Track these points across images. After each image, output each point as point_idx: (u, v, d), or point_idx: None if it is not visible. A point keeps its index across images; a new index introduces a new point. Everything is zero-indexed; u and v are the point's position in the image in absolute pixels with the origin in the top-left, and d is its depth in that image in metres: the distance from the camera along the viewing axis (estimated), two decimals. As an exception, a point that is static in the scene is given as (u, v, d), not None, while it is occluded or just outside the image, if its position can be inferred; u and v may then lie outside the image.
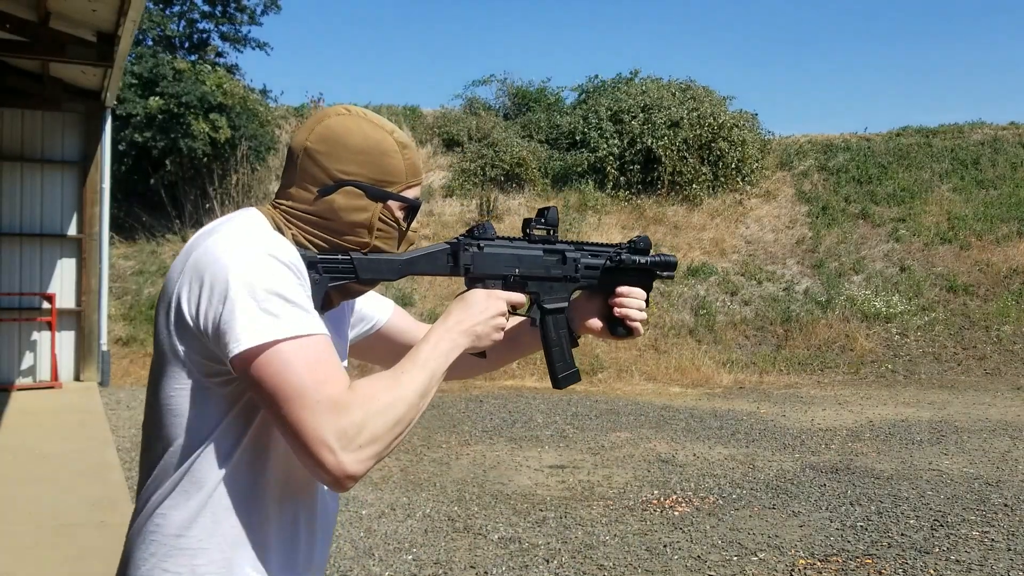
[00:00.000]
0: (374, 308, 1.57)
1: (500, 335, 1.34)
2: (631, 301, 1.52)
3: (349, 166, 1.25)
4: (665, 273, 1.57)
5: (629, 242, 1.55)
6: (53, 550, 4.28)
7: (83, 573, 3.95)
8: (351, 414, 1.10)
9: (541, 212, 1.45)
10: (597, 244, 1.52)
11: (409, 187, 1.32)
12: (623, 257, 1.52)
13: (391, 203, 1.30)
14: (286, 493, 1.23)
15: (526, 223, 1.44)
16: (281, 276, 1.13)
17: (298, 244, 1.24)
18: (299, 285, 1.15)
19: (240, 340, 1.09)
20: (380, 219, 1.29)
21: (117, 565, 1.26)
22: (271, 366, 1.09)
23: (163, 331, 1.19)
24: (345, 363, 1.43)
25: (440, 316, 1.31)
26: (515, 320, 1.50)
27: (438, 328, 1.27)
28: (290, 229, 1.25)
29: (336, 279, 1.26)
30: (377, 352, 1.59)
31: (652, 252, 1.56)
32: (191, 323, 1.14)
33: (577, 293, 1.55)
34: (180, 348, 1.17)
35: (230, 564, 1.19)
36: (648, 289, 1.55)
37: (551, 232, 1.45)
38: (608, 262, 1.51)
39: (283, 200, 1.27)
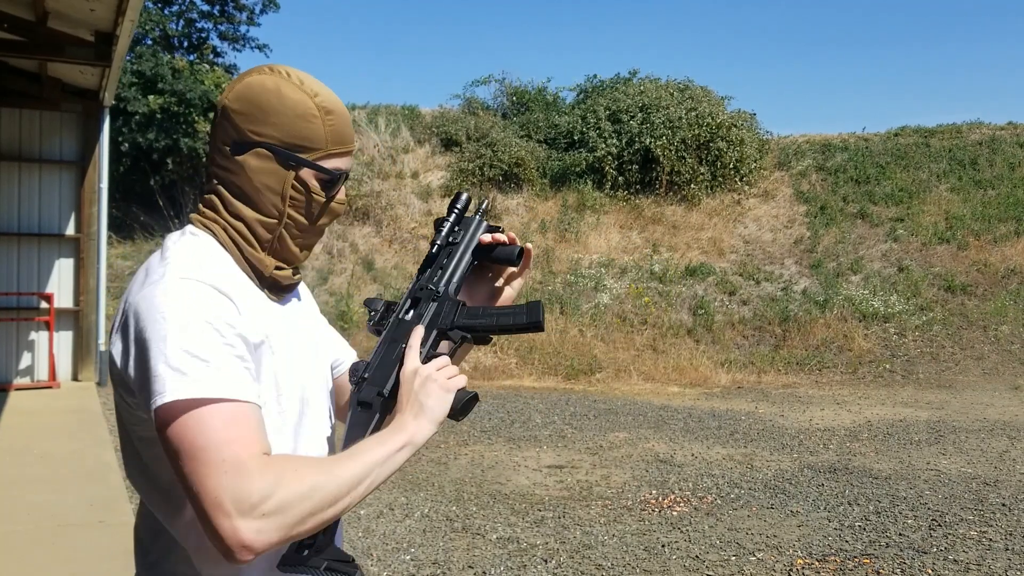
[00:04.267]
0: (337, 349, 1.46)
1: (463, 380, 1.25)
2: (497, 237, 1.40)
3: (263, 127, 1.18)
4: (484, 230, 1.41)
5: (436, 227, 1.40)
6: (51, 550, 4.27)
7: (81, 573, 3.95)
8: (259, 480, 1.00)
9: (454, 199, 1.39)
10: (426, 266, 1.38)
11: (331, 155, 1.22)
12: (440, 243, 1.38)
13: (306, 171, 1.21)
14: None
15: (438, 223, 1.38)
16: (207, 335, 1.07)
17: (221, 243, 1.21)
18: (222, 326, 1.09)
19: (155, 397, 1.04)
20: (292, 187, 1.21)
21: (117, 563, 1.27)
22: (181, 423, 1.03)
23: (115, 371, 1.15)
24: (335, 353, 1.40)
25: (393, 422, 1.19)
26: (459, 356, 1.37)
27: (405, 417, 1.18)
28: (210, 228, 1.21)
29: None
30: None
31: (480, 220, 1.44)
32: (120, 371, 1.11)
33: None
34: (123, 393, 1.14)
35: None
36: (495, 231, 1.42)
37: (455, 223, 1.38)
38: (435, 250, 1.38)
39: (209, 180, 1.23)
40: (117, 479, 5.70)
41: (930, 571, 4.46)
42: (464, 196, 1.40)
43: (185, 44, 18.07)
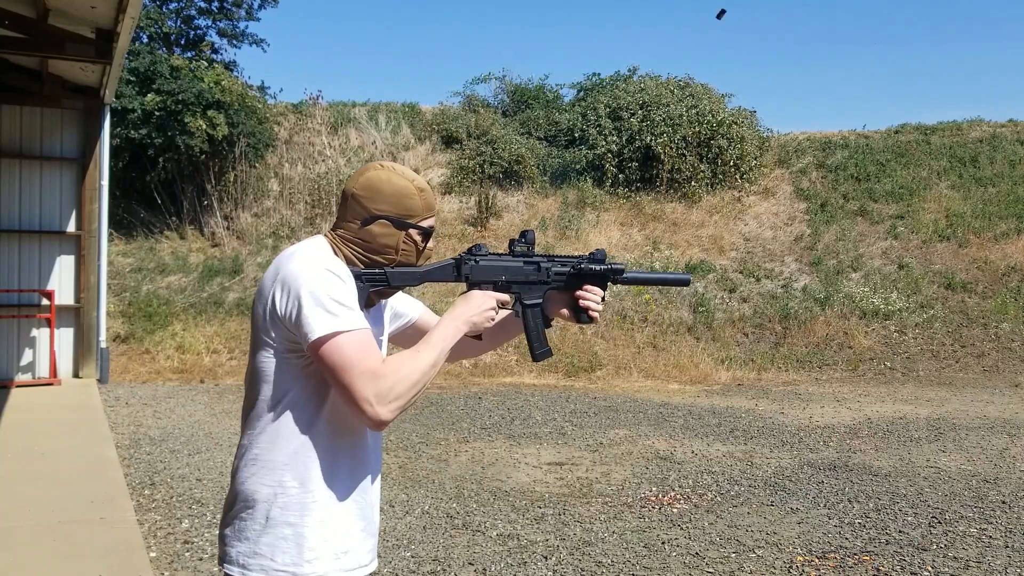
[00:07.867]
0: (409, 308, 2.09)
1: (491, 323, 1.87)
2: (591, 297, 2.00)
3: (382, 205, 1.77)
4: (617, 278, 2.02)
5: (589, 254, 2.01)
6: (52, 547, 4.28)
7: (82, 570, 3.95)
8: (384, 380, 1.62)
9: (523, 234, 1.98)
10: (565, 256, 2.00)
11: (425, 218, 1.83)
12: (583, 266, 2.00)
13: (411, 231, 1.81)
14: (344, 434, 1.75)
15: (511, 242, 1.97)
16: (338, 287, 1.65)
17: (349, 262, 1.76)
18: (350, 292, 1.68)
19: (313, 331, 1.61)
20: (403, 242, 1.81)
21: (118, 559, 1.30)
22: (333, 348, 1.61)
23: (259, 319, 1.72)
24: (385, 343, 1.96)
25: (448, 309, 1.83)
26: (503, 313, 2.01)
27: (446, 318, 1.81)
28: (342, 251, 1.78)
29: (375, 286, 1.79)
30: (410, 340, 2.08)
31: (608, 262, 2.06)
32: (280, 317, 1.66)
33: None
34: (272, 332, 1.69)
35: (306, 480, 1.71)
36: (604, 288, 2.02)
37: (529, 248, 1.97)
38: (572, 269, 2.00)
39: (339, 229, 1.81)
40: (118, 475, 5.71)
41: (930, 568, 4.47)
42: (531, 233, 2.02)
43: (183, 41, 18.05)
